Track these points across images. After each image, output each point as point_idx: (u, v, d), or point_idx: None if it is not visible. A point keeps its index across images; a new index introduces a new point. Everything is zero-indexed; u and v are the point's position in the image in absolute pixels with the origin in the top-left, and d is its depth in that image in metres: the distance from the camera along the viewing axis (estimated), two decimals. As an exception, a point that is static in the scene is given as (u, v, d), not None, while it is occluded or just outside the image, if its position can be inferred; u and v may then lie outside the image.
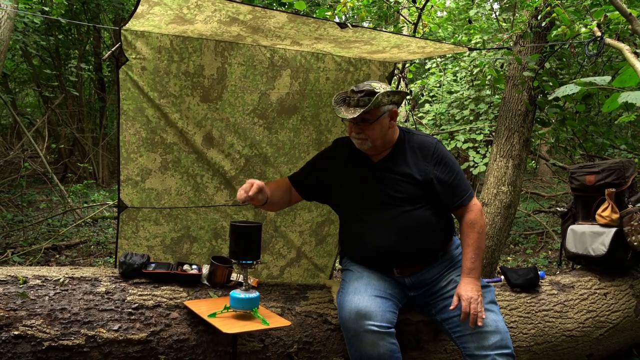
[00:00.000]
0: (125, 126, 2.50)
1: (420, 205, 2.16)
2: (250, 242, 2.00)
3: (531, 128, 3.95)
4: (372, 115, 2.11)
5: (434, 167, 2.16)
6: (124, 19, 8.23)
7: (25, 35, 7.09)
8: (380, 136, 2.16)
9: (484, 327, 2.02)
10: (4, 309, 1.92)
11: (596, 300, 2.80)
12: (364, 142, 2.16)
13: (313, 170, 2.37)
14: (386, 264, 2.19)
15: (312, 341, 2.22)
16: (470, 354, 2.02)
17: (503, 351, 1.99)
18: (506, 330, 2.05)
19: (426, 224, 2.16)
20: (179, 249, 2.90)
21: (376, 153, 2.23)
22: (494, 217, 3.80)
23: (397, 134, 2.25)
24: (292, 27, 2.33)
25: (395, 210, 2.15)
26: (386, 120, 2.16)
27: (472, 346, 2.02)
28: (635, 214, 2.77)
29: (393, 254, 2.16)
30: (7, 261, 4.63)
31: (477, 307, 2.04)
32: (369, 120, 2.11)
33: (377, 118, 2.12)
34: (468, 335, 2.04)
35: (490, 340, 2.00)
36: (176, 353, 2.03)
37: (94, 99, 10.89)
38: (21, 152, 7.81)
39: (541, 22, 3.66)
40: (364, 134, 2.14)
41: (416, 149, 2.21)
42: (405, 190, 2.15)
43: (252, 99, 2.76)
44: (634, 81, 1.79)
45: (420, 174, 2.16)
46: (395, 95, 2.16)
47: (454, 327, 2.11)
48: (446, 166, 2.17)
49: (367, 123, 2.12)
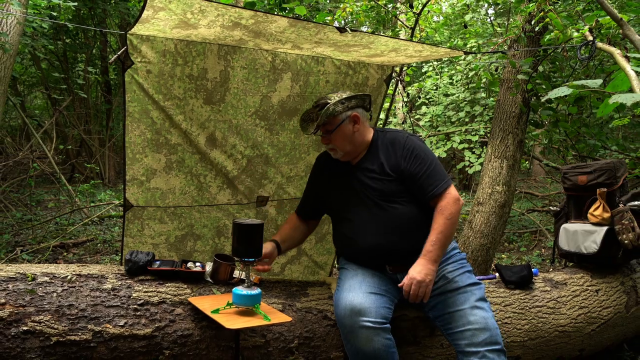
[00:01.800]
0: (130, 127, 2.50)
1: (403, 202, 2.14)
2: (252, 240, 1.99)
3: (525, 129, 3.95)
4: (331, 125, 2.16)
5: (404, 161, 2.14)
6: (130, 23, 8.24)
7: (34, 39, 7.08)
8: (348, 142, 2.19)
9: (474, 324, 2.01)
10: (13, 305, 1.92)
11: (588, 296, 2.80)
12: (334, 151, 2.23)
13: (310, 194, 2.46)
14: (377, 261, 2.18)
15: (312, 336, 2.22)
16: (462, 350, 2.02)
17: (493, 347, 1.99)
18: (496, 327, 2.04)
19: (411, 220, 2.14)
20: (183, 246, 2.90)
21: (352, 157, 2.25)
22: (488, 215, 3.80)
23: (371, 135, 2.26)
24: (293, 31, 2.32)
25: (379, 208, 2.15)
26: (348, 126, 2.18)
27: (462, 343, 2.02)
28: (625, 213, 2.77)
29: (382, 251, 2.15)
30: (16, 259, 4.63)
31: (419, 290, 2.01)
32: (330, 130, 2.17)
33: (336, 127, 2.16)
34: (459, 333, 2.04)
35: (480, 337, 1.99)
36: (180, 348, 2.03)
37: (100, 101, 10.89)
38: (30, 153, 7.82)
39: (535, 26, 3.66)
40: (331, 144, 2.20)
41: (388, 145, 2.20)
42: (381, 188, 2.15)
43: (254, 101, 2.76)
44: (626, 86, 1.79)
45: (392, 169, 2.15)
46: (352, 100, 2.18)
47: (445, 324, 2.10)
48: (417, 158, 2.14)
49: (329, 133, 2.18)
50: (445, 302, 2.11)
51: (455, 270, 2.18)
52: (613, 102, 1.54)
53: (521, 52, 3.83)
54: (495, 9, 8.96)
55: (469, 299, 2.09)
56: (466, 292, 2.11)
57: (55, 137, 8.29)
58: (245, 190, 2.94)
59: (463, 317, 2.04)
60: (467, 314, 2.05)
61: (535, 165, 10.19)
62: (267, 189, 3.02)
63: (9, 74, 5.34)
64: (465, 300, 2.08)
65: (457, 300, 2.09)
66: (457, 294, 2.11)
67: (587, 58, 2.70)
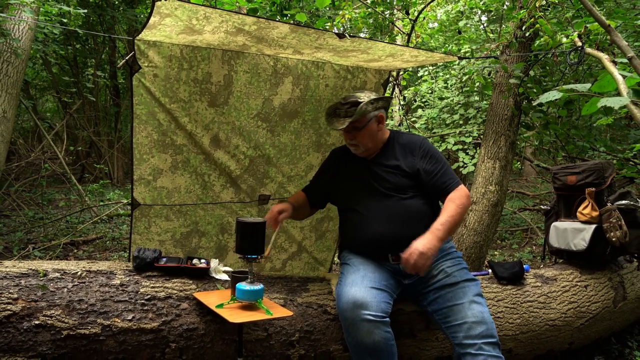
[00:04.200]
0: (138, 129, 2.50)
1: (411, 195, 2.21)
2: (255, 237, 1.99)
3: (517, 131, 3.95)
4: (360, 123, 2.21)
5: (420, 160, 2.23)
6: (137, 30, 8.24)
7: (45, 45, 7.08)
8: (371, 140, 2.26)
9: (471, 318, 2.02)
10: (25, 300, 1.92)
11: (577, 292, 2.79)
12: (356, 147, 2.28)
13: (319, 183, 2.49)
14: (381, 251, 2.20)
15: (312, 330, 2.22)
16: (459, 342, 2.02)
17: (489, 340, 1.99)
18: (491, 321, 2.05)
19: (417, 212, 2.19)
20: (188, 243, 2.90)
21: (369, 154, 2.31)
22: (482, 214, 3.80)
23: (387, 135, 2.34)
24: (294, 37, 2.32)
25: (389, 200, 2.20)
26: (374, 125, 2.25)
27: (460, 335, 2.02)
28: (613, 211, 2.77)
29: (386, 241, 2.17)
30: (29, 255, 4.63)
31: (419, 261, 1.94)
32: (358, 127, 2.22)
33: (365, 125, 2.22)
34: (457, 326, 2.04)
35: (477, 330, 2.00)
36: (186, 341, 2.03)
37: (109, 104, 10.87)
38: (42, 154, 7.83)
39: (525, 32, 3.66)
40: (355, 140, 2.25)
41: (404, 145, 2.29)
42: (395, 181, 2.22)
43: (256, 103, 2.76)
44: (612, 87, 1.79)
45: (408, 167, 2.23)
46: (379, 101, 2.25)
47: (443, 318, 2.10)
48: (432, 158, 2.24)
49: (357, 130, 2.22)
50: (444, 297, 2.12)
51: (453, 265, 2.20)
52: (601, 105, 1.54)
53: (513, 57, 3.83)
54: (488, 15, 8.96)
55: (467, 293, 2.10)
56: (464, 287, 2.12)
57: (65, 138, 8.30)
58: (248, 189, 2.94)
59: (461, 311, 2.05)
60: (465, 308, 2.05)
61: (526, 165, 10.18)
62: (268, 188, 3.02)
63: (21, 78, 5.33)
64: (464, 295, 2.09)
65: (455, 294, 2.10)
66: (455, 288, 2.12)
67: (577, 63, 2.69)
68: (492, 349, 1.98)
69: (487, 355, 1.95)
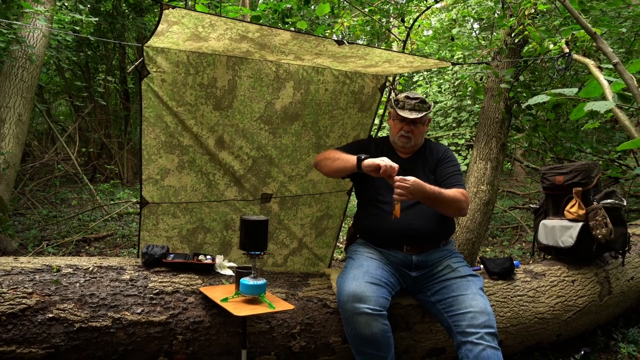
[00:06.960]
0: (146, 131, 2.50)
1: None
2: (258, 234, 1.99)
3: (507, 134, 3.95)
4: (425, 118, 2.38)
5: (441, 162, 2.39)
6: (146, 37, 8.23)
7: (58, 51, 7.09)
8: (421, 137, 2.41)
9: (475, 308, 2.05)
10: (39, 294, 1.92)
11: (565, 286, 2.79)
12: (408, 140, 2.36)
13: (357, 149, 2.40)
14: (398, 240, 2.26)
15: (312, 323, 2.22)
16: (462, 331, 2.03)
17: (489, 330, 2.01)
18: (492, 313, 2.08)
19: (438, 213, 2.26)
20: (194, 239, 2.90)
21: (409, 152, 2.42)
22: (474, 212, 3.80)
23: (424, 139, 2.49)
24: (295, 43, 2.32)
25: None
26: (426, 124, 2.44)
27: (464, 324, 2.03)
28: (599, 210, 2.77)
29: (404, 231, 2.23)
30: (43, 252, 4.63)
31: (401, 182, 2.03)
32: (422, 122, 2.36)
33: (426, 122, 2.40)
34: (460, 315, 2.06)
35: (479, 320, 2.01)
36: (192, 333, 2.03)
37: (119, 108, 10.86)
38: (55, 155, 7.83)
39: (515, 39, 3.65)
40: (412, 133, 2.35)
41: (433, 151, 2.44)
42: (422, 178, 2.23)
43: (259, 107, 2.75)
44: (598, 92, 1.79)
45: (430, 167, 2.38)
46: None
47: (447, 307, 2.13)
48: (450, 162, 2.39)
49: (419, 124, 2.35)
50: (449, 287, 2.17)
51: (457, 262, 2.29)
52: (587, 109, 1.54)
53: (503, 63, 3.83)
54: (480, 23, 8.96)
55: (471, 286, 2.15)
56: (469, 281, 2.18)
57: (78, 140, 8.29)
58: (251, 187, 2.94)
59: (466, 301, 2.08)
60: (469, 298, 2.09)
61: (516, 166, 10.18)
62: (270, 187, 3.02)
63: (35, 83, 5.34)
64: (468, 287, 2.14)
65: (461, 286, 2.15)
66: (461, 280, 2.18)
67: (564, 68, 2.69)
68: (492, 339, 1.99)
69: (486, 346, 1.96)
